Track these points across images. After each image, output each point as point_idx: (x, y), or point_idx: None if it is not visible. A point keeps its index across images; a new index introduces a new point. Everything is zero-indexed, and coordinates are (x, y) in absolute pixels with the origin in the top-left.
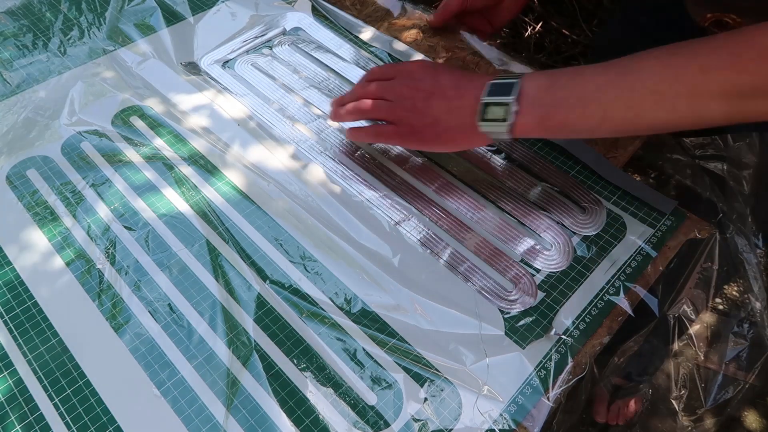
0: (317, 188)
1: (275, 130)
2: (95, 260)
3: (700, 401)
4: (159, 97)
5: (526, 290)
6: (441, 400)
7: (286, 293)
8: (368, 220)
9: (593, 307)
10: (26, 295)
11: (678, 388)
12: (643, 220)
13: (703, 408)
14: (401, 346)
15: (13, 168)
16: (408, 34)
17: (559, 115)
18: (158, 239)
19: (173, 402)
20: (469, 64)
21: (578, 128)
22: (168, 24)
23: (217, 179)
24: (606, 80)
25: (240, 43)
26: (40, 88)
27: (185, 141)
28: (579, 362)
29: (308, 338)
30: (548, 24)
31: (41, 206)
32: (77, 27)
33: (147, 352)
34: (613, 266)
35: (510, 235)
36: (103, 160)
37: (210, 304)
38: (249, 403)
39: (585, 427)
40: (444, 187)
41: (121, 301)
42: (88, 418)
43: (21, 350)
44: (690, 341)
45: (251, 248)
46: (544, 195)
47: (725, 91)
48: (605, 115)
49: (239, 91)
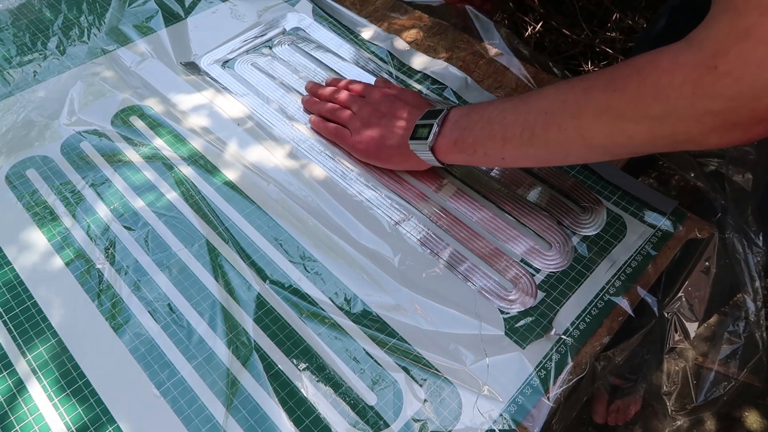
0: (317, 188)
1: (275, 130)
2: (95, 260)
3: (690, 398)
4: (159, 97)
5: (526, 290)
6: (441, 400)
7: (285, 293)
8: (368, 220)
9: (593, 307)
10: (26, 295)
11: (669, 383)
12: (643, 220)
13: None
14: (401, 346)
15: (12, 168)
16: (408, 34)
17: (470, 137)
18: (158, 239)
19: (173, 402)
20: (469, 63)
21: (487, 150)
22: (167, 24)
23: (217, 179)
24: (509, 105)
25: (240, 43)
26: (40, 88)
27: (185, 141)
28: (579, 362)
29: (308, 338)
30: (548, 24)
31: (41, 206)
32: (77, 27)
33: (146, 352)
34: (613, 266)
35: (510, 235)
36: (103, 160)
37: (210, 304)
38: (249, 403)
39: (585, 427)
40: (444, 188)
41: (120, 301)
42: (88, 418)
43: (20, 350)
44: (686, 340)
45: (251, 248)
46: (544, 195)
47: (602, 111)
48: (505, 135)
49: (239, 90)
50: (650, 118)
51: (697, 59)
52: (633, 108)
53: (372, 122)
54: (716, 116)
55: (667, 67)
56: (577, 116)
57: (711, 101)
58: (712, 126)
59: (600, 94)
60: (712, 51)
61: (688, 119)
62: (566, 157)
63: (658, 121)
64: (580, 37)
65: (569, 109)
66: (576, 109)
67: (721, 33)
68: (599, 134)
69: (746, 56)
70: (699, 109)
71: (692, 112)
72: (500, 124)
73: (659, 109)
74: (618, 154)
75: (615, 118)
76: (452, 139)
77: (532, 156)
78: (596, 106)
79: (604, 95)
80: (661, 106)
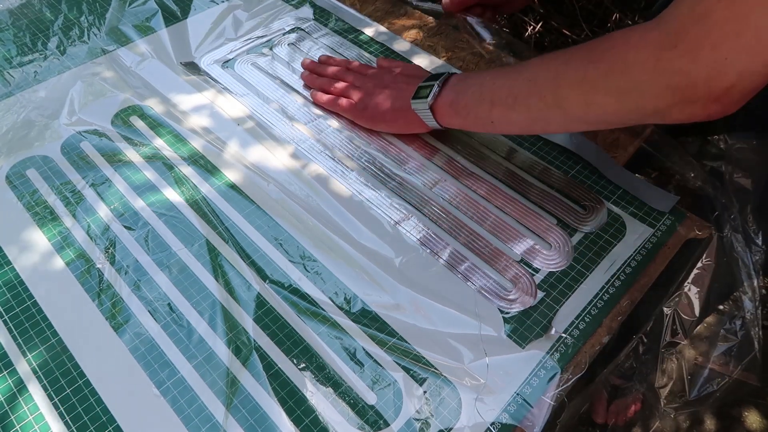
0: (317, 188)
1: (275, 130)
2: (95, 260)
3: (684, 393)
4: (159, 97)
5: (525, 290)
6: (441, 399)
7: (285, 293)
8: (368, 219)
9: (593, 306)
10: (26, 295)
11: (665, 378)
12: (643, 219)
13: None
14: (401, 345)
15: (12, 168)
16: (408, 34)
17: (463, 99)
18: (158, 239)
19: (173, 401)
20: (470, 63)
21: (478, 114)
22: (167, 24)
23: (217, 179)
24: (501, 73)
25: (240, 43)
26: (40, 88)
27: (185, 141)
28: (579, 362)
29: (308, 338)
30: (548, 24)
31: (41, 206)
32: (77, 27)
33: (147, 352)
34: (612, 266)
35: (510, 234)
36: (103, 160)
37: (210, 303)
38: (248, 402)
39: (585, 427)
40: (444, 187)
41: (120, 301)
42: (88, 417)
43: (20, 350)
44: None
45: (251, 248)
46: (544, 195)
47: (577, 82)
48: (493, 98)
49: (239, 90)
50: (618, 91)
51: (661, 37)
52: (604, 81)
53: (376, 91)
54: (675, 92)
55: (637, 43)
56: (555, 86)
57: (670, 77)
58: (672, 101)
59: (577, 65)
60: (674, 30)
61: (650, 94)
62: (547, 125)
63: (625, 94)
64: (580, 37)
65: (549, 78)
66: (555, 78)
67: (682, 14)
68: (575, 104)
69: (703, 37)
70: (660, 84)
71: (653, 87)
72: (489, 88)
73: (625, 82)
74: (594, 124)
75: (589, 90)
76: (448, 100)
77: (516, 122)
78: (573, 78)
79: (580, 67)
80: (627, 80)
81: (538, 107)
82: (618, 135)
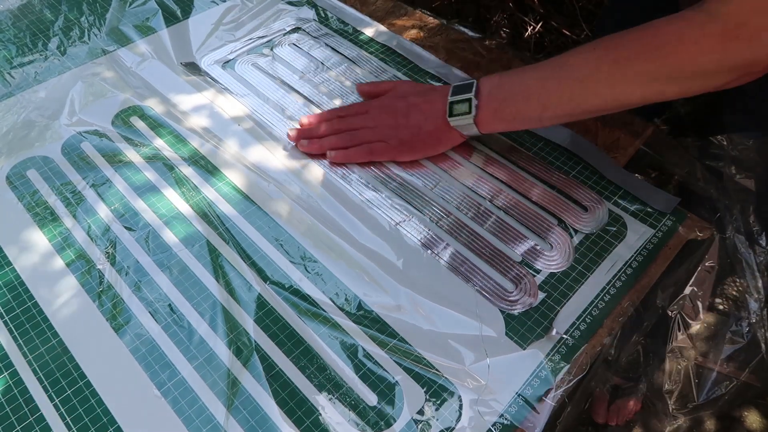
0: (317, 188)
1: (275, 130)
2: (95, 261)
3: (692, 397)
4: (159, 97)
5: (526, 291)
6: (441, 400)
7: (286, 294)
8: (368, 220)
9: (594, 307)
10: (26, 296)
11: (671, 382)
12: (644, 220)
13: (694, 403)
14: (402, 346)
15: (13, 168)
16: (408, 34)
17: (510, 106)
18: (158, 240)
19: (174, 403)
20: (470, 64)
21: (527, 116)
22: (168, 24)
23: (218, 179)
24: (544, 75)
25: (240, 44)
26: (40, 89)
27: (185, 141)
28: (580, 362)
29: (309, 339)
30: (548, 24)
31: (41, 207)
32: (77, 27)
33: (147, 353)
34: (614, 267)
35: (511, 235)
36: (104, 161)
37: (210, 304)
38: (249, 403)
39: (585, 427)
40: (445, 188)
41: (121, 302)
42: (89, 418)
43: (21, 351)
44: (689, 340)
45: (252, 249)
46: (544, 195)
47: (635, 76)
48: (546, 103)
49: (239, 91)
50: (683, 78)
51: (723, 30)
52: (667, 73)
53: (399, 123)
54: (736, 71)
55: (697, 38)
56: (611, 85)
57: (735, 62)
58: (735, 77)
59: (633, 63)
60: (735, 23)
61: (715, 76)
62: (598, 113)
63: (690, 80)
64: (580, 37)
65: (603, 78)
66: (610, 78)
67: (743, 8)
68: (634, 97)
69: (762, 27)
70: (725, 68)
71: (719, 71)
72: (538, 93)
73: (691, 71)
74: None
75: (649, 81)
76: (492, 109)
77: (568, 116)
78: (631, 76)
79: (637, 65)
80: (693, 70)
81: (594, 104)
82: (618, 135)
